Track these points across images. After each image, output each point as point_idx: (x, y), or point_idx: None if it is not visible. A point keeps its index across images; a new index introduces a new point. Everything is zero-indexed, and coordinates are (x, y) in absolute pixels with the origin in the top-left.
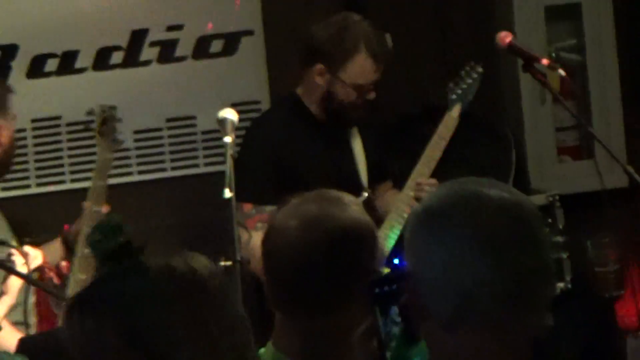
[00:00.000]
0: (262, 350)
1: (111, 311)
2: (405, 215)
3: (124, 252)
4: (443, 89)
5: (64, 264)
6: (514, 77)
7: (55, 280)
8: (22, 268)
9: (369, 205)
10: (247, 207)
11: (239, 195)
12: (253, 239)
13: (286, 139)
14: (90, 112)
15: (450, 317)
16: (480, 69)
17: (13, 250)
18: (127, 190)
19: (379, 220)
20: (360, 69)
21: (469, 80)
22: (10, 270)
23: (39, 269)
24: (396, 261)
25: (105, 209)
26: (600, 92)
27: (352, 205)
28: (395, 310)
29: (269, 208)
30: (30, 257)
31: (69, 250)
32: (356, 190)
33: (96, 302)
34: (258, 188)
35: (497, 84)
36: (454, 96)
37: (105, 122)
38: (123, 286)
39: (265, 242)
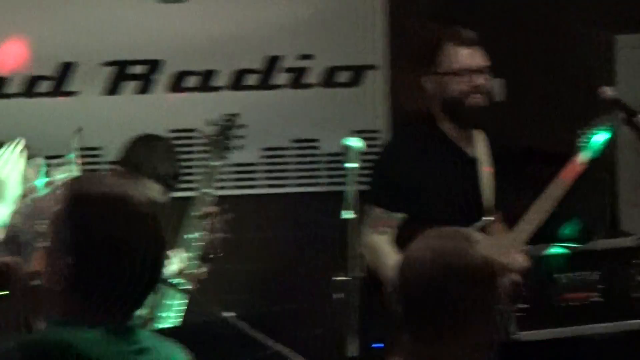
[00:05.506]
0: None
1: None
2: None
3: None
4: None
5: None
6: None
7: None
8: None
9: (482, 232)
10: (379, 211)
11: (374, 199)
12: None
13: (418, 159)
14: (211, 123)
15: None
16: (612, 122)
17: None
18: (253, 201)
19: None
20: (451, 56)
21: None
22: None
23: None
24: None
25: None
26: None
27: (481, 243)
28: None
29: (398, 216)
30: None
31: None
32: (477, 214)
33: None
34: (390, 197)
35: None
36: (583, 144)
37: (221, 132)
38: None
39: (402, 271)
